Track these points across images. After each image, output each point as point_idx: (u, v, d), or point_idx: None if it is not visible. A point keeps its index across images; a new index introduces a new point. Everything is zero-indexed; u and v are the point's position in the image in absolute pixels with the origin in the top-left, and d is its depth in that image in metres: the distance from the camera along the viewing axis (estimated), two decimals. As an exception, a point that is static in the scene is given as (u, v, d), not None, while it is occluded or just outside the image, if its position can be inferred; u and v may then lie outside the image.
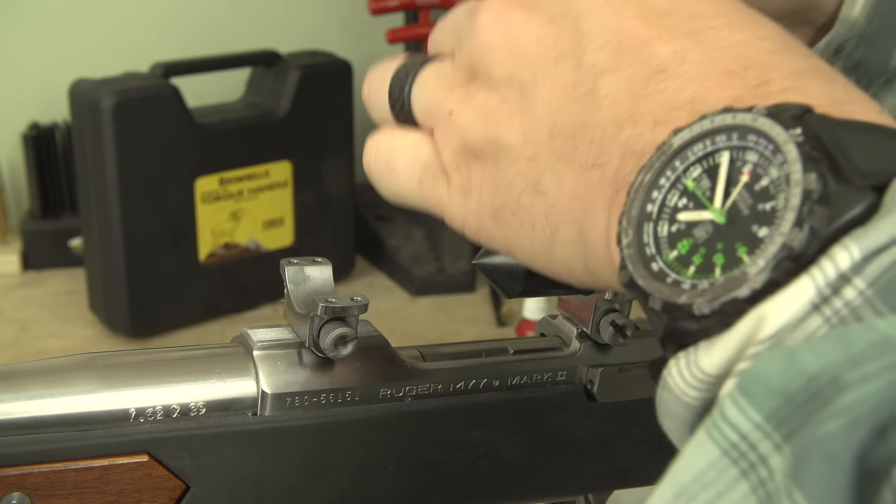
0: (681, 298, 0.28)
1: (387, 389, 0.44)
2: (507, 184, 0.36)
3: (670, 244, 0.29)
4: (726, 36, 0.32)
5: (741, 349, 0.26)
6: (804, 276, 0.25)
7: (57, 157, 1.31)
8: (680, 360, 0.27)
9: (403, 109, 0.40)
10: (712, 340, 0.27)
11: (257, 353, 0.42)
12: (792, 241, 0.26)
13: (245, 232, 1.21)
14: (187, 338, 1.17)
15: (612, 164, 0.32)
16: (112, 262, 1.12)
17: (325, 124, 1.23)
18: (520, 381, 0.47)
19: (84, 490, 0.39)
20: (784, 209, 0.26)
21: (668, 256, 0.29)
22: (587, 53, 0.34)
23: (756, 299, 0.26)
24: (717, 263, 0.28)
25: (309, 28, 1.45)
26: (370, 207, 1.35)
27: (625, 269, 0.30)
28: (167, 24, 1.40)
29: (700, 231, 0.29)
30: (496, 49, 0.36)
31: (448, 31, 0.41)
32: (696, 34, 0.32)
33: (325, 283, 0.44)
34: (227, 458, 0.41)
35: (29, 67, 1.37)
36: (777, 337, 0.25)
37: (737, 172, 0.28)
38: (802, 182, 0.26)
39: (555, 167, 0.34)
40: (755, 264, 0.26)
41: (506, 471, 0.47)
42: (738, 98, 0.30)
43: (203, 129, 1.14)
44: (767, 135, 0.28)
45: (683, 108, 0.31)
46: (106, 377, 0.40)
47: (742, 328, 0.26)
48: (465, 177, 0.38)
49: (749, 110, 0.28)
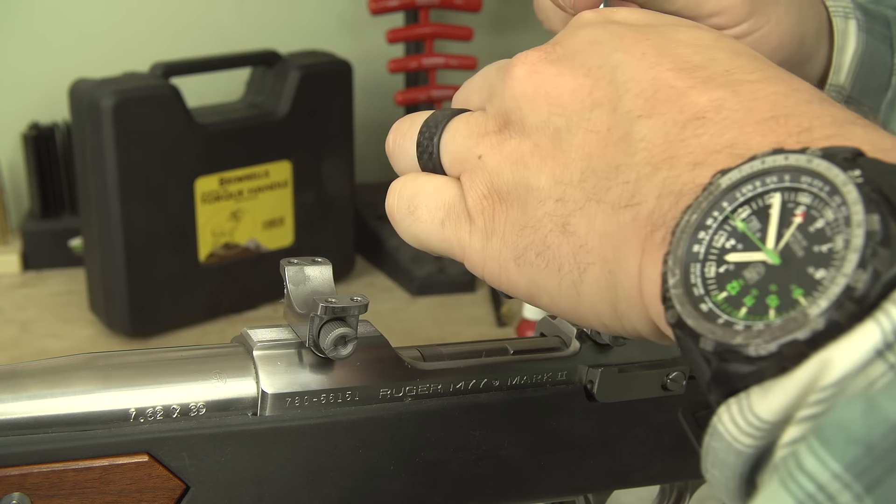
0: (735, 339, 0.27)
1: (387, 389, 0.44)
2: (534, 224, 0.36)
3: (719, 285, 0.28)
4: (763, 88, 0.32)
5: (802, 395, 0.25)
6: (869, 320, 0.25)
7: (57, 157, 1.31)
8: (732, 407, 0.27)
9: (432, 158, 0.40)
10: (767, 385, 0.26)
11: (257, 353, 0.42)
12: (856, 283, 0.25)
13: (245, 232, 1.21)
14: (187, 338, 1.17)
15: (647, 203, 0.32)
16: (112, 262, 1.12)
17: (325, 124, 1.23)
18: (520, 381, 0.47)
19: (84, 490, 0.39)
20: (845, 250, 0.26)
21: (717, 297, 0.28)
22: (623, 101, 0.34)
23: (817, 342, 0.25)
24: (772, 305, 0.27)
25: (309, 28, 1.45)
26: (370, 207, 1.35)
27: (671, 308, 0.29)
28: (167, 24, 1.40)
29: (751, 272, 0.28)
30: (531, 98, 0.37)
31: (478, 86, 0.41)
32: (732, 85, 0.32)
33: (325, 283, 0.44)
34: (227, 458, 0.41)
35: (29, 67, 1.37)
36: (841, 384, 0.24)
37: (789, 214, 0.28)
38: (865, 223, 0.26)
39: (585, 207, 0.34)
40: (816, 305, 0.26)
41: (506, 471, 0.47)
42: (780, 144, 0.30)
43: (203, 129, 1.14)
44: (824, 176, 0.27)
45: (723, 151, 0.31)
46: (106, 377, 0.40)
47: (803, 373, 0.25)
48: (489, 219, 0.38)
49: (802, 151, 0.28)
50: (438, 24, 1.36)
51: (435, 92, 1.34)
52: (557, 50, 0.37)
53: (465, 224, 0.39)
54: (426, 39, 1.35)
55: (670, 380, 0.49)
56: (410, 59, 1.34)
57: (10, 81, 1.37)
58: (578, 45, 0.37)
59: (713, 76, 0.33)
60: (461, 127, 0.40)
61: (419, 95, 1.34)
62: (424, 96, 1.34)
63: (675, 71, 0.34)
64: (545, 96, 0.36)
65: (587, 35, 0.37)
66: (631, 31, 0.36)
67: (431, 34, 1.34)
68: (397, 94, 1.34)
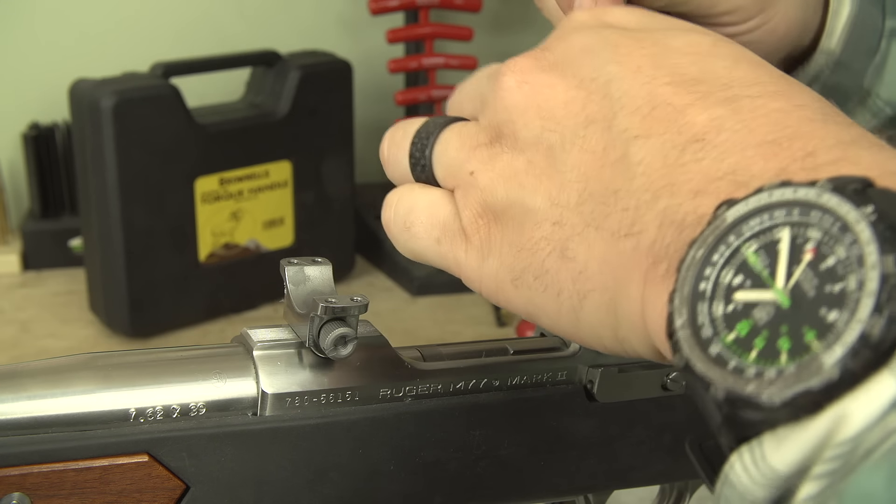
0: (748, 388, 0.26)
1: (387, 389, 0.44)
2: (531, 247, 0.35)
3: (728, 325, 0.27)
4: (763, 104, 0.31)
5: (818, 449, 0.24)
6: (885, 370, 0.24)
7: (57, 157, 1.31)
8: (744, 455, 0.26)
9: (425, 171, 0.40)
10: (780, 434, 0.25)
11: (257, 353, 0.42)
12: (871, 329, 0.24)
13: (245, 232, 1.21)
14: (187, 338, 1.17)
15: (648, 233, 0.31)
16: (112, 262, 1.12)
17: (325, 124, 1.23)
18: (520, 381, 0.47)
19: (84, 490, 0.39)
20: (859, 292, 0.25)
21: (726, 339, 0.27)
22: (618, 118, 0.33)
23: (831, 392, 0.24)
24: (783, 348, 0.26)
25: (309, 28, 1.45)
26: (370, 207, 1.35)
27: (679, 352, 0.28)
28: (167, 24, 1.40)
29: (760, 312, 0.27)
30: (522, 111, 0.36)
31: (470, 93, 0.40)
32: (731, 102, 0.31)
33: (325, 283, 0.44)
34: (227, 458, 0.41)
35: (29, 67, 1.37)
36: (858, 438, 0.23)
37: (799, 250, 0.26)
38: (880, 265, 0.24)
39: (583, 233, 0.33)
40: (831, 353, 0.24)
41: (506, 471, 0.47)
42: (784, 169, 0.29)
43: (203, 129, 1.14)
44: (834, 212, 0.26)
45: (725, 178, 0.30)
46: (106, 377, 0.40)
47: (819, 425, 0.24)
48: (485, 238, 0.37)
49: (812, 185, 0.27)
50: (438, 24, 1.36)
51: (435, 92, 1.34)
52: (548, 56, 0.36)
53: (460, 242, 0.38)
54: (426, 39, 1.35)
55: (670, 380, 0.49)
56: (410, 59, 1.34)
57: (10, 81, 1.37)
58: (570, 53, 0.36)
59: (711, 91, 0.32)
60: (453, 139, 0.39)
61: (419, 95, 1.34)
62: (424, 96, 1.34)
63: (672, 85, 0.32)
64: (537, 109, 0.35)
65: (579, 41, 0.36)
66: (624, 38, 0.35)
67: (431, 34, 1.34)
68: (397, 94, 1.34)
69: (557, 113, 0.35)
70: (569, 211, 0.34)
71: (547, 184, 0.35)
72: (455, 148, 0.38)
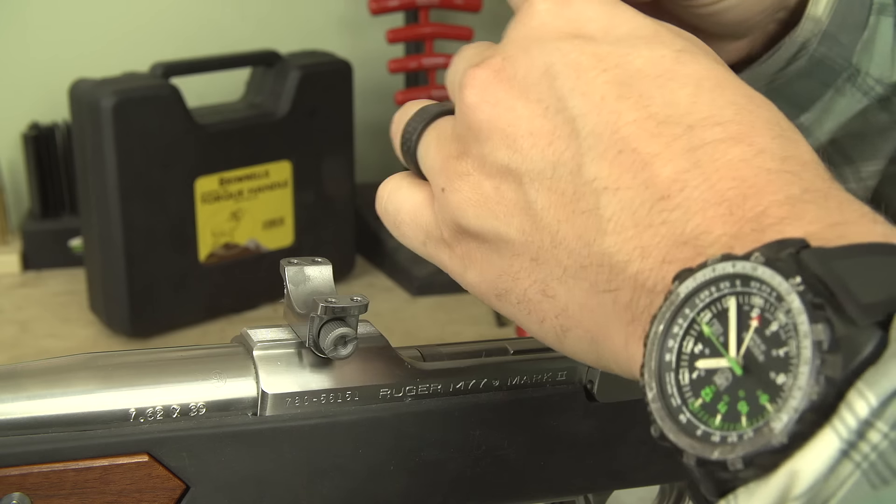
0: (714, 454, 0.28)
1: (387, 389, 0.44)
2: (512, 275, 0.36)
3: (694, 392, 0.29)
4: (724, 151, 0.32)
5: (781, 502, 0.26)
6: (827, 427, 0.26)
7: (57, 157, 1.31)
8: None
9: (413, 163, 0.41)
10: (751, 488, 0.27)
11: (257, 353, 0.42)
12: (811, 395, 0.26)
13: (245, 232, 1.21)
14: (187, 338, 1.17)
15: (624, 291, 0.32)
16: (112, 262, 1.12)
17: (325, 124, 1.23)
18: (520, 381, 0.47)
19: (84, 490, 0.39)
20: (797, 359, 0.27)
21: (693, 405, 0.29)
22: (586, 162, 0.33)
23: (784, 451, 0.26)
24: (742, 412, 0.28)
25: (309, 28, 1.45)
26: (370, 207, 1.34)
27: (654, 423, 0.30)
28: (167, 24, 1.40)
29: (720, 378, 0.29)
30: (487, 135, 0.36)
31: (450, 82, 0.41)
32: (694, 151, 0.32)
33: (325, 283, 0.44)
34: (227, 458, 0.41)
35: (29, 67, 1.37)
36: (812, 491, 0.25)
37: (745, 317, 0.28)
38: (811, 334, 0.26)
39: (562, 278, 0.34)
40: (779, 419, 0.27)
41: (506, 471, 0.47)
42: (737, 234, 0.30)
43: (203, 129, 1.14)
44: (769, 284, 0.28)
45: (689, 243, 0.31)
46: (106, 377, 0.40)
47: (776, 482, 0.26)
48: (466, 252, 0.38)
49: (748, 258, 0.28)
50: (438, 24, 1.36)
51: (435, 92, 1.34)
52: (508, 70, 0.36)
53: (444, 249, 0.39)
54: (426, 39, 1.34)
55: (670, 380, 0.49)
56: (410, 59, 1.34)
57: (10, 81, 1.37)
58: (531, 74, 0.36)
59: (676, 136, 0.32)
60: (432, 142, 0.39)
61: (419, 95, 1.34)
62: (424, 96, 1.34)
63: (636, 125, 0.33)
64: (501, 134, 0.35)
65: (541, 60, 0.35)
66: (586, 58, 0.35)
67: (431, 34, 1.34)
68: (397, 94, 1.34)
69: (523, 144, 0.35)
70: (545, 252, 0.35)
71: (520, 218, 0.35)
72: (434, 151, 0.39)
